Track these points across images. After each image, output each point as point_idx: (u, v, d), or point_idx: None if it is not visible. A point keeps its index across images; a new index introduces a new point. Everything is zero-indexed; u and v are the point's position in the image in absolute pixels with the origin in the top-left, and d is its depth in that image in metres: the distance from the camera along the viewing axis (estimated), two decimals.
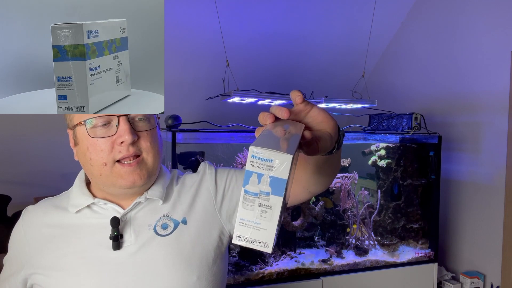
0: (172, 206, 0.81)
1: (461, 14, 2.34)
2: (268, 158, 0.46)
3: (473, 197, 2.28)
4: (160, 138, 0.81)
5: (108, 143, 0.72)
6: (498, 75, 2.10)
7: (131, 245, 0.76)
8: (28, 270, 0.78)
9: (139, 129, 0.74)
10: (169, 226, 0.79)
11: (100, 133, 0.72)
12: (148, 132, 0.75)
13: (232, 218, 0.85)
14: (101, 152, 0.72)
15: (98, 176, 0.75)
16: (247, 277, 1.85)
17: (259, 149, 0.45)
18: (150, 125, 0.76)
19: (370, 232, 2.17)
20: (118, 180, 0.74)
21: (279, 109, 0.54)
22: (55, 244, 0.77)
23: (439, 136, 2.18)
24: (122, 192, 0.77)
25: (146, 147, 0.75)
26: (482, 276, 2.20)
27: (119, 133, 0.72)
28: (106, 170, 0.73)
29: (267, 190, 0.47)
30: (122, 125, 0.72)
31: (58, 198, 0.85)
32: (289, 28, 2.58)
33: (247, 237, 0.48)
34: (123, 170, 0.73)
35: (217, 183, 0.86)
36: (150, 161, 0.76)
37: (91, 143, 0.73)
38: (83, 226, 0.78)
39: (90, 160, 0.73)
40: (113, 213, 0.77)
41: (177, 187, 0.85)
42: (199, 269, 0.77)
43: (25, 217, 0.82)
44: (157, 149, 0.77)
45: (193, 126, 1.83)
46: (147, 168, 0.76)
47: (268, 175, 0.46)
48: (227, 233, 0.85)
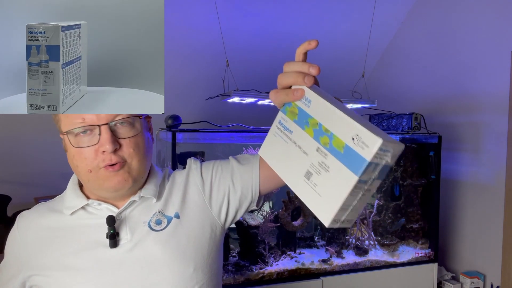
0: (165, 203, 0.83)
1: (461, 14, 2.34)
2: (387, 149, 0.47)
3: (473, 197, 2.28)
4: (150, 140, 0.82)
5: (92, 151, 0.73)
6: (498, 75, 2.10)
7: (127, 242, 0.77)
8: (27, 272, 0.79)
9: (122, 136, 0.74)
10: (162, 221, 0.80)
11: (82, 142, 0.73)
12: (131, 138, 0.75)
13: (222, 209, 0.86)
14: (85, 160, 0.73)
15: (87, 181, 0.76)
16: (247, 277, 1.85)
17: (386, 143, 0.46)
18: (134, 131, 0.76)
19: (370, 232, 2.17)
20: (104, 183, 0.75)
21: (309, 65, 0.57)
22: (52, 245, 0.78)
23: (439, 136, 2.18)
24: (112, 195, 0.79)
25: (129, 153, 0.75)
26: (482, 276, 2.20)
27: (100, 142, 0.72)
28: (92, 176, 0.75)
29: (375, 176, 0.49)
30: (103, 134, 0.72)
31: (52, 201, 0.86)
32: (289, 28, 2.58)
33: (342, 219, 0.50)
34: (108, 173, 0.74)
35: (203, 176, 0.87)
36: (135, 166, 0.76)
37: (76, 151, 0.74)
38: (79, 227, 0.79)
39: (77, 167, 0.75)
40: (108, 213, 0.79)
41: (168, 184, 0.87)
42: (195, 261, 0.79)
43: (20, 221, 0.83)
44: (142, 154, 0.77)
45: (193, 126, 1.83)
46: (131, 172, 0.76)
47: (383, 163, 0.48)
48: (219, 225, 0.86)
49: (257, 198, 0.88)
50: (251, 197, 0.87)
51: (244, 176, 0.86)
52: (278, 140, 0.56)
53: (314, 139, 0.52)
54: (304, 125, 0.53)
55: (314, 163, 0.51)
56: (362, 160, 0.46)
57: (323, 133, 0.51)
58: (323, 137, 0.51)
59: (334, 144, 0.50)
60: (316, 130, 0.52)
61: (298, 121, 0.54)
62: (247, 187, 0.86)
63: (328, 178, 0.49)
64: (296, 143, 0.53)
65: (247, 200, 0.87)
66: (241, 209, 0.88)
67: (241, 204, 0.87)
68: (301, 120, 0.54)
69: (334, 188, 0.48)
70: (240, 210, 0.88)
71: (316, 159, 0.51)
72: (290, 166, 0.54)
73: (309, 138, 0.52)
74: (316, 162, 0.51)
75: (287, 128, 0.55)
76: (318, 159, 0.51)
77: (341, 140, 0.49)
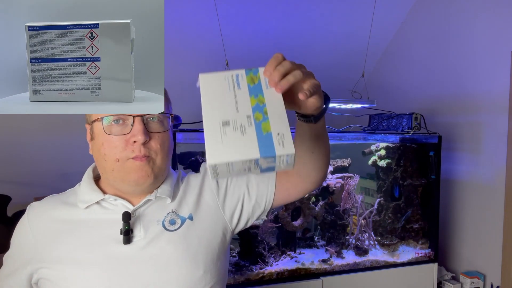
0: (179, 204, 0.84)
1: (461, 14, 2.34)
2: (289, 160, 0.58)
3: (473, 197, 2.28)
4: (172, 140, 0.84)
5: (122, 140, 0.75)
6: (498, 75, 2.10)
7: (140, 239, 0.78)
8: (35, 265, 0.78)
9: (152, 130, 0.77)
10: (176, 222, 0.81)
11: (115, 131, 0.75)
12: (160, 134, 0.78)
13: (235, 214, 0.87)
14: (115, 148, 0.75)
15: (111, 171, 0.77)
16: (247, 277, 1.85)
17: (293, 156, 0.57)
18: (163, 128, 0.79)
19: (370, 232, 2.17)
20: (128, 175, 0.76)
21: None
22: (63, 238, 0.78)
23: (439, 136, 2.18)
24: (131, 190, 0.80)
25: (156, 149, 0.77)
26: (482, 276, 2.20)
27: (133, 132, 0.75)
28: (118, 165, 0.76)
29: (263, 167, 0.59)
30: (136, 125, 0.75)
31: (64, 194, 0.86)
32: (289, 28, 2.58)
33: (217, 171, 0.57)
34: (134, 165, 0.76)
35: (219, 182, 0.88)
36: (159, 162, 0.78)
37: (106, 139, 0.76)
38: (93, 221, 0.79)
39: (104, 155, 0.76)
40: (123, 209, 0.79)
41: (183, 186, 0.88)
42: (205, 264, 0.80)
43: (31, 212, 0.83)
44: (166, 152, 0.80)
45: (193, 126, 1.83)
46: (154, 168, 0.78)
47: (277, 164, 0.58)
48: (230, 230, 0.87)
49: (269, 208, 0.89)
50: (264, 206, 0.88)
51: (260, 186, 0.87)
52: (224, 83, 0.61)
53: (251, 109, 0.59)
54: (253, 94, 0.60)
55: (237, 121, 0.57)
56: (272, 151, 0.55)
57: (261, 111, 0.59)
58: (259, 113, 0.58)
59: (263, 125, 0.57)
60: (258, 105, 0.59)
61: (251, 88, 0.60)
62: (261, 196, 0.87)
63: (238, 138, 0.56)
64: (236, 97, 0.59)
65: (259, 209, 0.88)
66: (253, 217, 0.89)
67: (254, 213, 0.89)
68: (254, 90, 0.60)
69: (236, 147, 0.55)
70: (252, 219, 0.90)
71: (241, 120, 0.58)
72: (217, 107, 0.59)
73: (249, 104, 0.59)
74: (239, 121, 0.57)
75: (238, 83, 0.61)
76: (243, 121, 0.57)
77: (270, 127, 0.57)
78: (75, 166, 2.17)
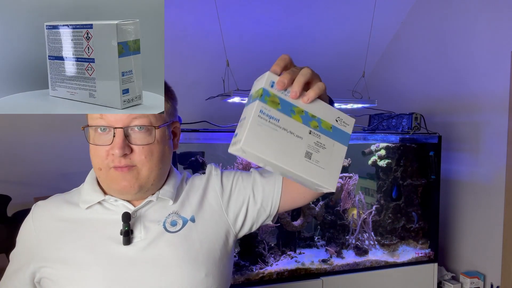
0: (181, 205, 0.83)
1: (461, 14, 2.34)
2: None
3: (473, 197, 2.28)
4: (170, 147, 0.82)
5: (104, 150, 0.74)
6: (498, 75, 2.10)
7: (141, 240, 0.77)
8: (37, 263, 0.78)
9: (135, 142, 0.74)
10: (177, 223, 0.80)
11: (98, 140, 0.74)
12: (145, 146, 0.75)
13: (239, 218, 0.86)
14: (98, 157, 0.75)
15: (98, 177, 0.78)
16: (247, 277, 1.85)
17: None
18: (150, 139, 0.75)
19: (370, 232, 2.17)
20: (112, 184, 0.76)
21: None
22: (65, 238, 0.78)
23: (439, 136, 2.18)
24: (121, 197, 0.79)
25: (140, 160, 0.75)
26: (482, 276, 2.20)
27: (112, 145, 0.73)
28: (102, 174, 0.76)
29: None
30: (116, 138, 0.73)
31: (69, 194, 0.86)
32: (289, 29, 2.58)
33: None
34: (115, 174, 0.75)
35: (223, 184, 0.87)
36: (144, 173, 0.76)
37: (92, 148, 0.76)
38: (94, 221, 0.79)
39: (92, 162, 0.77)
40: (124, 209, 0.79)
41: (186, 187, 0.87)
42: (207, 267, 0.79)
43: (36, 211, 0.83)
44: (154, 162, 0.76)
45: (193, 126, 1.83)
46: (138, 179, 0.76)
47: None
48: (233, 233, 0.86)
49: (275, 213, 0.87)
50: (269, 211, 0.87)
51: (266, 189, 0.86)
52: (265, 129, 0.57)
53: (304, 124, 0.59)
54: (290, 112, 0.59)
55: (311, 144, 0.59)
56: (347, 135, 0.61)
57: (310, 119, 0.59)
58: (311, 121, 0.59)
59: (323, 126, 0.60)
60: (303, 116, 0.59)
61: (282, 109, 0.58)
62: (267, 200, 0.86)
63: (326, 154, 0.59)
64: (287, 129, 0.58)
65: (265, 214, 0.87)
66: (258, 222, 0.88)
67: (259, 217, 0.87)
68: (286, 109, 0.59)
69: (332, 160, 0.59)
70: (257, 223, 0.88)
71: (311, 140, 0.59)
72: (285, 150, 0.58)
73: (299, 123, 0.59)
74: (312, 142, 0.59)
75: (273, 117, 0.58)
76: (314, 140, 0.59)
77: (328, 123, 0.60)
78: (75, 166, 2.18)
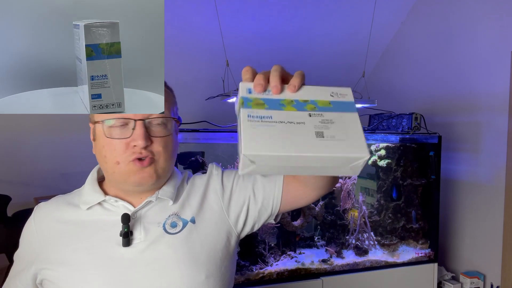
0: (181, 206, 0.83)
1: (461, 14, 2.34)
2: None
3: (473, 197, 2.28)
4: (176, 142, 0.83)
5: (123, 143, 0.74)
6: (498, 75, 2.10)
7: (140, 242, 0.77)
8: (39, 265, 0.78)
9: (154, 134, 0.76)
10: (178, 224, 0.80)
11: (115, 134, 0.74)
12: (163, 138, 0.77)
13: (240, 218, 0.85)
14: (114, 151, 0.75)
15: (112, 173, 0.77)
16: (247, 277, 1.85)
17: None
18: (166, 131, 0.78)
19: (370, 232, 2.17)
20: (129, 177, 0.76)
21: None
22: (65, 239, 0.78)
23: (439, 136, 2.18)
24: (133, 190, 0.79)
25: (158, 151, 0.77)
26: (482, 276, 2.20)
27: (133, 137, 0.74)
28: (119, 168, 0.75)
29: None
30: (137, 129, 0.74)
31: (70, 195, 0.86)
32: (289, 28, 2.58)
33: None
34: (135, 167, 0.75)
35: (224, 184, 0.87)
36: (161, 164, 0.78)
37: (107, 142, 0.75)
38: (94, 222, 0.79)
39: (105, 157, 0.76)
40: (124, 210, 0.79)
41: (187, 187, 0.87)
42: (207, 268, 0.78)
43: (37, 213, 0.83)
44: (169, 154, 0.79)
45: (193, 126, 1.83)
46: (156, 169, 0.77)
47: None
48: (235, 234, 0.85)
49: (276, 211, 0.87)
50: (271, 210, 0.86)
51: (266, 188, 0.85)
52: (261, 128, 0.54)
53: (300, 111, 0.56)
54: (280, 106, 0.56)
55: (317, 124, 0.55)
56: (350, 103, 0.58)
57: (304, 104, 0.57)
58: (306, 106, 0.57)
59: (320, 105, 0.57)
60: (295, 105, 0.56)
61: (270, 107, 0.56)
62: (268, 199, 0.85)
63: (338, 127, 0.55)
64: (285, 121, 0.55)
65: (266, 213, 0.86)
66: (260, 221, 0.87)
67: (260, 216, 0.86)
68: (274, 105, 0.56)
69: (349, 129, 0.55)
70: (258, 223, 0.87)
71: (316, 120, 0.55)
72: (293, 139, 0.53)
73: (294, 112, 0.56)
74: (317, 122, 0.55)
75: (264, 116, 0.55)
76: (318, 119, 0.55)
77: (324, 101, 0.57)
78: (75, 166, 2.18)
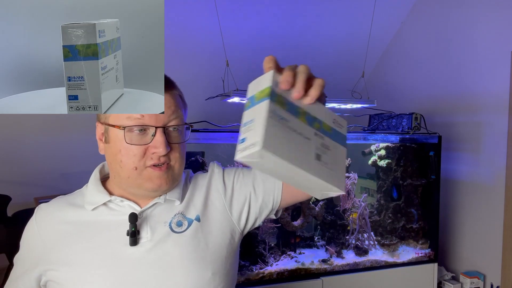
0: (186, 205, 0.83)
1: (461, 14, 2.34)
2: None
3: (473, 197, 2.28)
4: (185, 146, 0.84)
5: (141, 149, 0.74)
6: (498, 75, 2.10)
7: (147, 241, 0.77)
8: (43, 266, 0.78)
9: (172, 141, 0.77)
10: (183, 223, 0.81)
11: (135, 140, 0.74)
12: (180, 144, 0.78)
13: (242, 215, 0.86)
14: (133, 157, 0.74)
15: (126, 178, 0.76)
16: (247, 277, 1.85)
17: None
18: (182, 138, 0.79)
19: (370, 232, 2.16)
20: (146, 183, 0.76)
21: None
22: (70, 240, 0.77)
23: (439, 136, 2.18)
24: (145, 194, 0.79)
25: (175, 158, 0.78)
26: (482, 276, 2.20)
27: (154, 144, 0.74)
28: (136, 173, 0.75)
29: None
30: (158, 137, 0.74)
31: (71, 196, 0.85)
32: (288, 28, 2.58)
33: None
34: (153, 174, 0.76)
35: (225, 182, 0.88)
36: (177, 169, 0.79)
37: (124, 147, 0.74)
38: (100, 223, 0.79)
39: (120, 162, 0.75)
40: (130, 210, 0.79)
41: (190, 187, 0.87)
42: (213, 266, 0.79)
43: (39, 214, 0.83)
44: (183, 159, 0.81)
45: (193, 126, 1.83)
46: (173, 175, 0.78)
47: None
48: (238, 231, 0.86)
49: (277, 207, 0.88)
50: (271, 205, 0.87)
51: (266, 184, 0.86)
52: (281, 130, 0.55)
53: (309, 126, 0.58)
54: (296, 114, 0.58)
55: (318, 146, 0.58)
56: (344, 136, 0.62)
57: (313, 120, 0.59)
58: (314, 123, 0.59)
59: (324, 127, 0.60)
60: (307, 118, 0.58)
61: (289, 110, 0.57)
62: (268, 195, 0.86)
63: (331, 155, 0.59)
64: (297, 130, 0.56)
65: (267, 209, 0.87)
66: (261, 217, 0.88)
67: (261, 212, 0.87)
68: (292, 109, 0.57)
69: (337, 161, 0.59)
70: (260, 218, 0.88)
71: (318, 142, 0.58)
72: (299, 151, 0.55)
73: (305, 125, 0.57)
74: (319, 144, 0.58)
75: (283, 118, 0.56)
76: (319, 142, 0.58)
77: (327, 124, 0.60)
78: (75, 166, 2.18)
